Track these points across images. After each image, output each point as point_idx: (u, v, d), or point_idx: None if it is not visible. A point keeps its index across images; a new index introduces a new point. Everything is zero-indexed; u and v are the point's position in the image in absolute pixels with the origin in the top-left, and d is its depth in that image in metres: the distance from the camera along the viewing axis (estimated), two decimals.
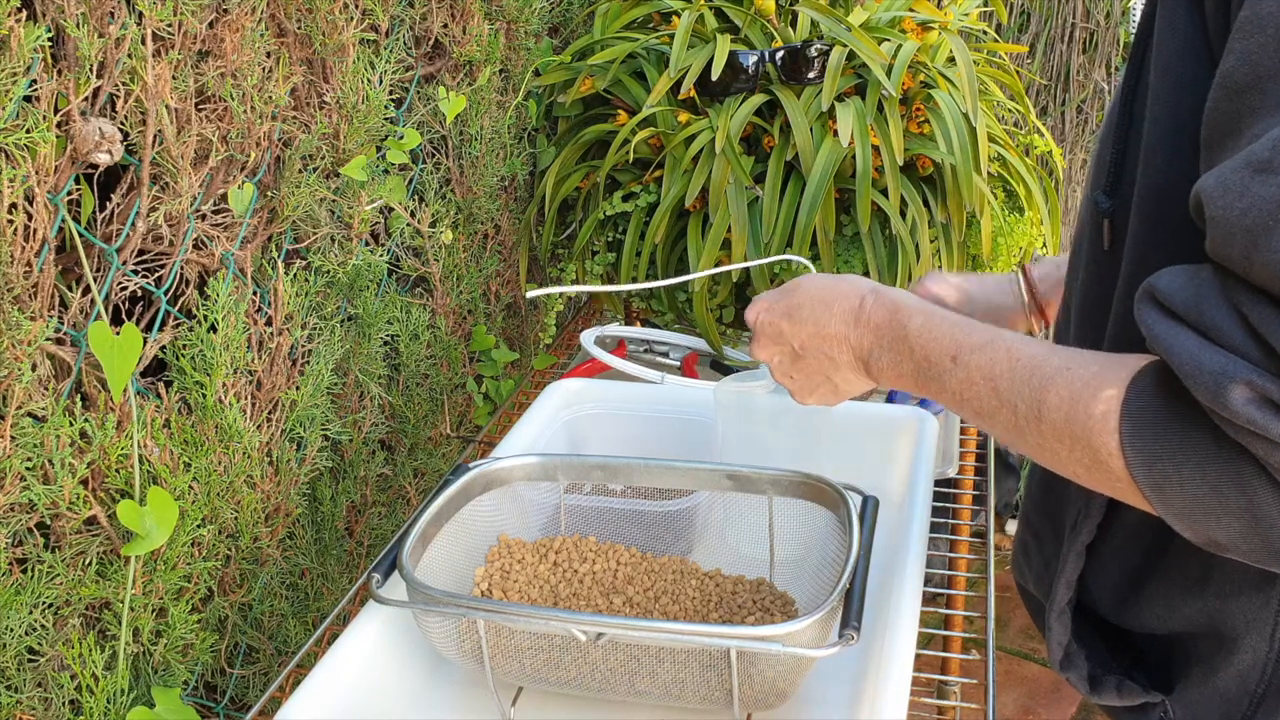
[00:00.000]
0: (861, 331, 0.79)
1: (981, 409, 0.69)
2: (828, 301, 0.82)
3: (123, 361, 0.94)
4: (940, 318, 0.74)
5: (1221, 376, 0.54)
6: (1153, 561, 0.75)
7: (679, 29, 1.51)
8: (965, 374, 0.70)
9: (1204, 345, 0.55)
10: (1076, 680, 0.80)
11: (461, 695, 0.93)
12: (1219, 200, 0.54)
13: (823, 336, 0.82)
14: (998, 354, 0.68)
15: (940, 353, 0.72)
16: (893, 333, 0.77)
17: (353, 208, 1.30)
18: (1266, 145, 0.52)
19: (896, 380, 0.78)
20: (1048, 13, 2.69)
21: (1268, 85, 0.54)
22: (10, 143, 0.84)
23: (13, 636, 0.92)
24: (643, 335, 1.64)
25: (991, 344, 0.69)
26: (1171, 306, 0.58)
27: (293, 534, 1.29)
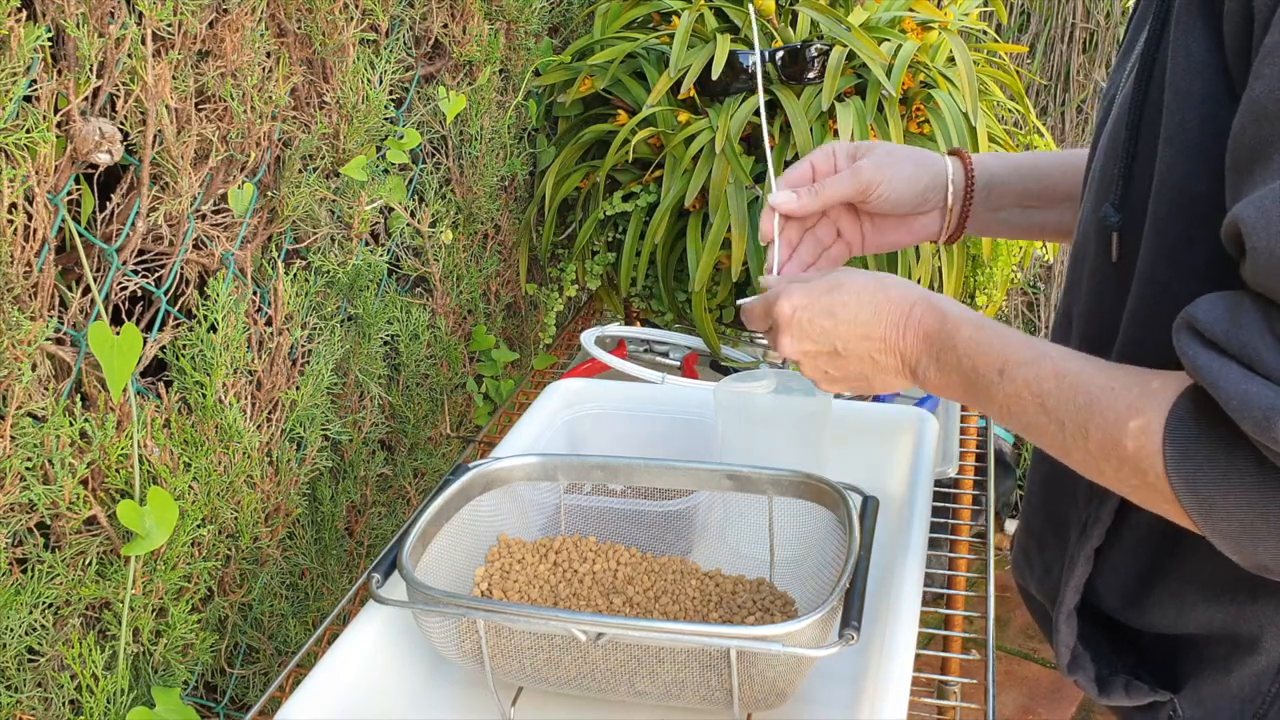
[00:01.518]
0: (911, 340, 0.79)
1: (1029, 424, 0.70)
2: (876, 305, 0.81)
3: (123, 361, 0.94)
4: (989, 329, 0.74)
5: (1270, 410, 0.54)
6: (1163, 563, 0.75)
7: (679, 29, 1.51)
8: (1012, 388, 0.70)
9: (1249, 377, 0.56)
10: (1085, 682, 0.80)
11: (461, 695, 0.93)
12: (1262, 232, 0.54)
13: (869, 339, 0.81)
14: (1044, 369, 0.68)
15: (988, 365, 0.72)
16: (942, 342, 0.76)
17: (353, 208, 1.30)
18: None
19: (943, 389, 0.78)
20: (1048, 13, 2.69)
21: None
22: (10, 143, 0.84)
23: (13, 636, 0.92)
24: (643, 335, 1.64)
25: (1039, 359, 0.69)
26: (1213, 337, 0.58)
27: (293, 534, 1.29)
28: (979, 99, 1.47)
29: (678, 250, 1.54)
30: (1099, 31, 2.69)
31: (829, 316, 0.82)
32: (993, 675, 0.99)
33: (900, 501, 1.09)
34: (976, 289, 1.57)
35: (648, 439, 1.24)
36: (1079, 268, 0.80)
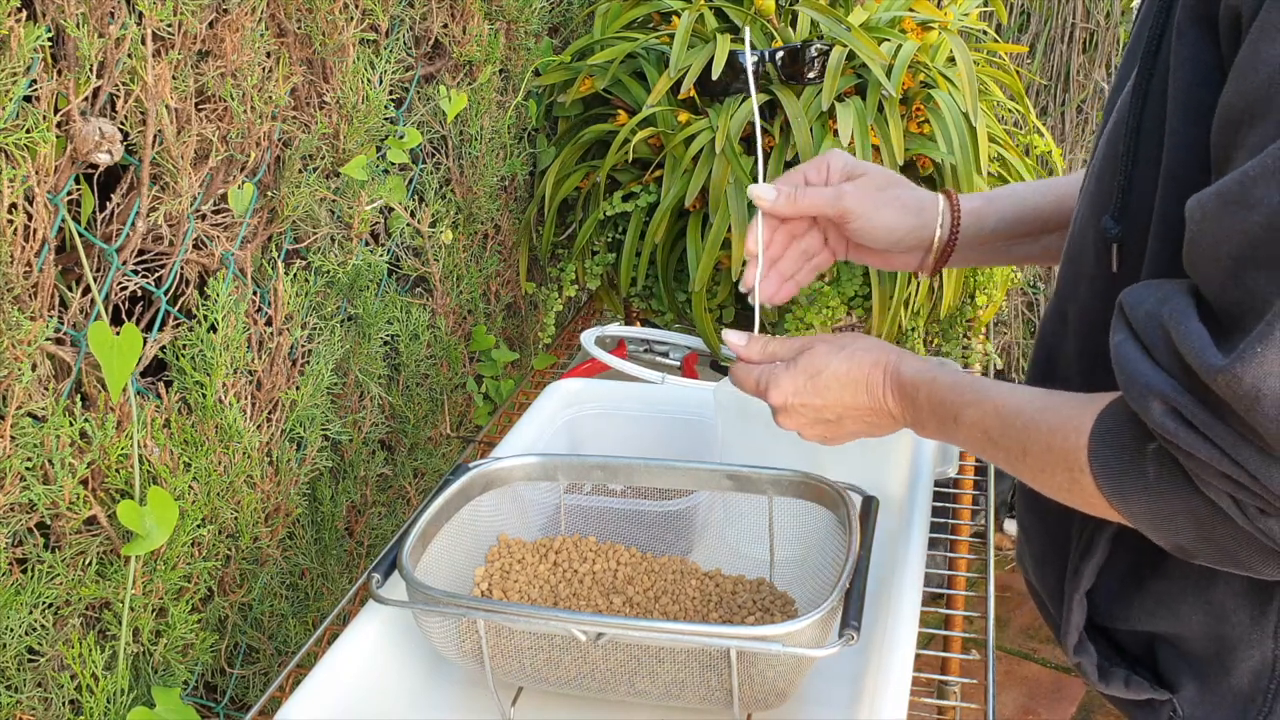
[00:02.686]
0: (891, 401, 0.87)
1: (984, 453, 0.79)
2: (853, 382, 0.88)
3: (122, 361, 0.94)
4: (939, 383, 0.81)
5: (1146, 388, 0.59)
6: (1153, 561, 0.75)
7: (679, 29, 1.51)
8: (967, 431, 0.78)
9: (1142, 359, 0.60)
10: (1088, 667, 0.81)
11: (461, 695, 0.93)
12: (1197, 221, 0.58)
13: (856, 408, 0.88)
14: (986, 408, 0.76)
15: (945, 415, 0.80)
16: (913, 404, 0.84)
17: (353, 208, 1.30)
18: (1236, 179, 0.56)
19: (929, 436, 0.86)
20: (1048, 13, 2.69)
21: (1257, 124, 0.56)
22: (10, 143, 0.84)
23: (13, 636, 0.91)
24: (643, 335, 1.64)
25: (980, 400, 0.77)
26: (1130, 319, 0.62)
27: (293, 534, 1.29)
28: (979, 99, 1.47)
29: (678, 250, 1.54)
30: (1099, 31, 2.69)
31: (817, 397, 0.89)
32: (993, 675, 0.99)
33: (900, 501, 1.09)
34: (976, 289, 1.57)
35: (648, 439, 1.24)
36: (1074, 269, 0.80)
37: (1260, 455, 0.56)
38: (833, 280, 1.49)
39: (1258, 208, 0.54)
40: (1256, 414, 0.54)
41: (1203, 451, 0.57)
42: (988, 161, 1.51)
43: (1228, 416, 0.56)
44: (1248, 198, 0.55)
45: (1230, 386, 0.54)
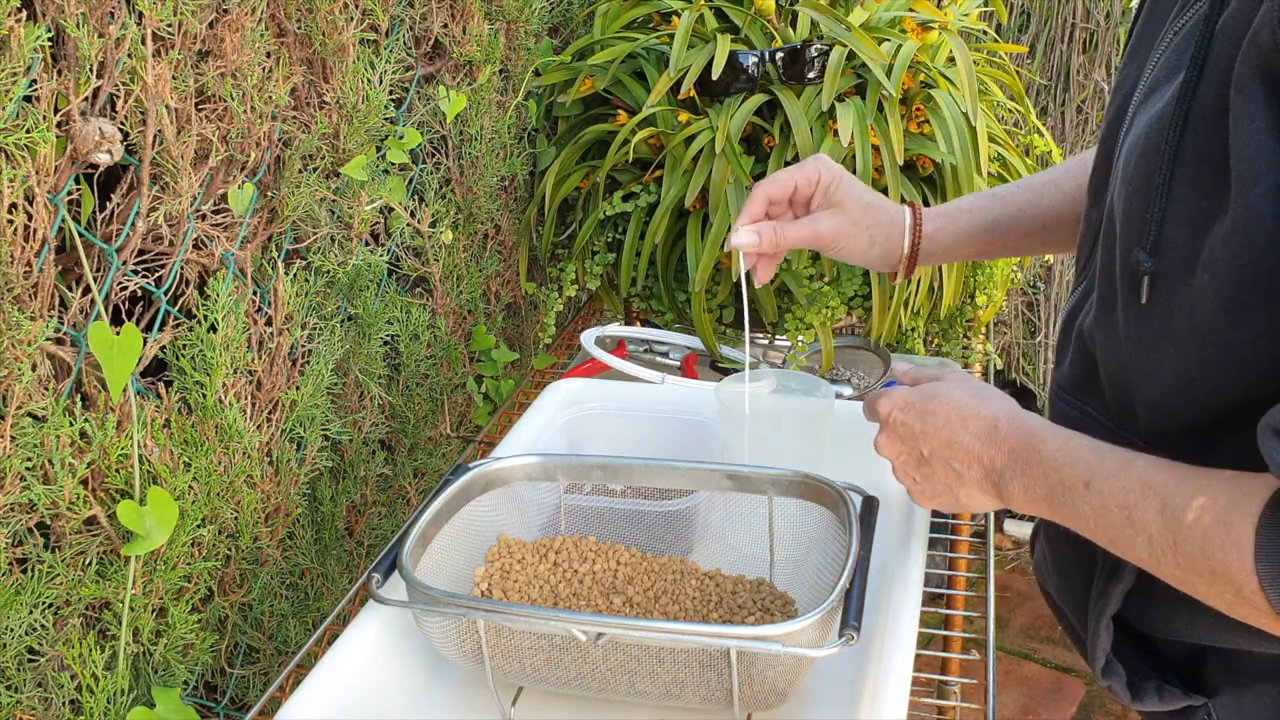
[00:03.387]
0: (995, 451, 0.79)
1: (1116, 537, 0.70)
2: (964, 415, 0.81)
3: (123, 361, 0.94)
4: (1075, 440, 0.74)
5: None
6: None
7: (679, 29, 1.51)
8: (1100, 500, 0.70)
9: None
10: (1118, 688, 0.79)
11: (461, 695, 0.93)
12: None
13: (953, 448, 0.82)
14: (1130, 481, 0.68)
15: (1074, 478, 0.72)
16: (1027, 455, 0.76)
17: (353, 208, 1.30)
18: None
19: (1027, 503, 0.77)
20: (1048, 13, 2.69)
21: None
22: (10, 143, 0.84)
23: (13, 636, 0.92)
24: (643, 335, 1.64)
25: (1125, 470, 0.69)
26: None
27: (293, 534, 1.29)
28: (979, 99, 1.47)
29: (678, 250, 1.54)
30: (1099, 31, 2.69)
31: (920, 420, 0.84)
32: (993, 675, 0.99)
33: (900, 501, 1.09)
34: (976, 289, 1.57)
35: (648, 439, 1.24)
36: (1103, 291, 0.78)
37: None
38: (833, 280, 1.49)
39: None
40: None
41: None
42: (988, 161, 1.51)
43: None
44: None
45: None
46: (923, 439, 0.84)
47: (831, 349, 1.51)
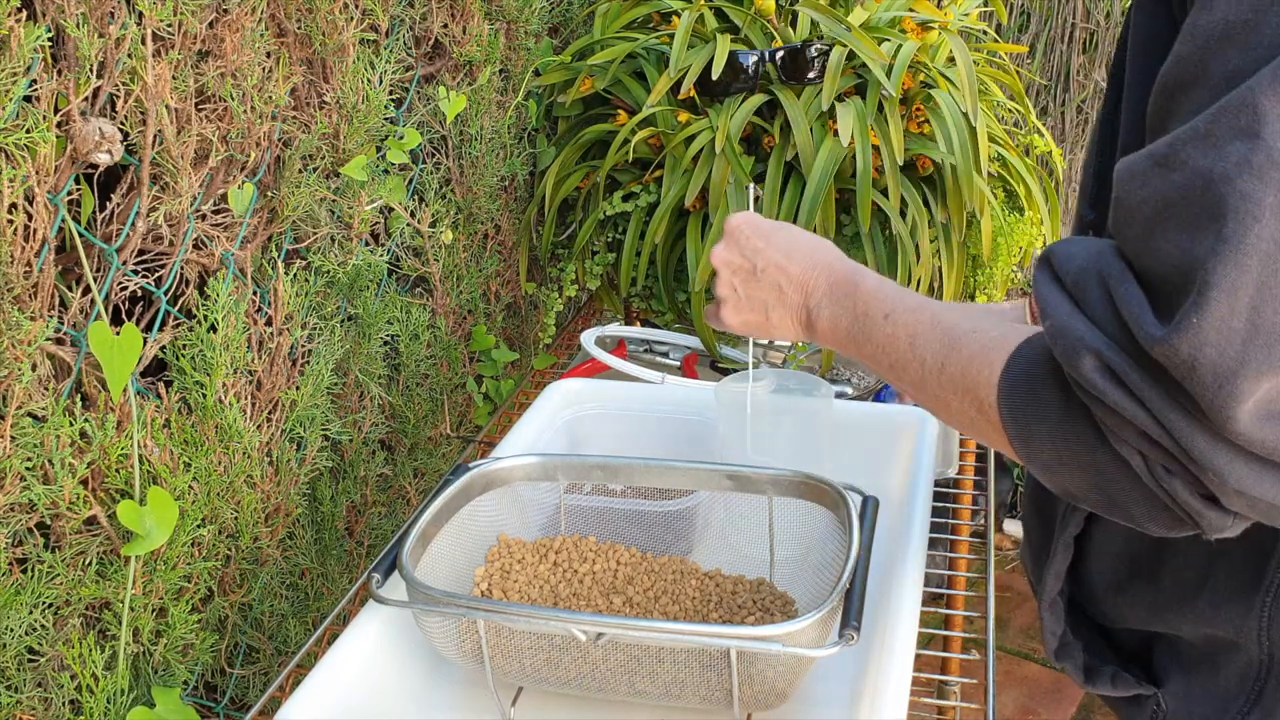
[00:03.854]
0: (820, 281, 0.85)
1: (896, 361, 0.76)
2: (804, 247, 0.88)
3: (123, 361, 0.94)
4: (891, 284, 0.81)
5: (1078, 342, 0.59)
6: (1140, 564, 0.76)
7: (679, 29, 1.51)
8: (892, 329, 0.77)
9: (1074, 313, 0.60)
10: (1072, 670, 0.82)
11: (461, 695, 0.93)
12: (1125, 186, 0.58)
13: (784, 270, 0.87)
14: (924, 316, 0.75)
15: (877, 309, 0.79)
16: (845, 288, 0.83)
17: (353, 208, 1.30)
18: (1167, 143, 0.56)
19: (831, 332, 0.84)
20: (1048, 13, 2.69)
21: (1189, 91, 0.57)
22: (10, 143, 0.84)
23: (13, 636, 0.91)
24: (643, 335, 1.64)
25: (921, 308, 0.76)
26: (1059, 274, 0.62)
27: (293, 534, 1.29)
28: (979, 99, 1.47)
29: (678, 250, 1.54)
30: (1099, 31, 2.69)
31: (764, 239, 0.90)
32: (993, 675, 0.99)
33: (900, 501, 1.09)
34: (976, 289, 1.57)
35: (648, 439, 1.24)
36: None
37: (1187, 419, 0.56)
38: None
39: (1180, 169, 0.55)
40: (1192, 382, 0.54)
41: (1129, 411, 0.57)
42: (988, 161, 1.51)
43: (1162, 380, 0.56)
44: (1173, 159, 0.55)
45: (1168, 356, 0.54)
46: (759, 255, 0.89)
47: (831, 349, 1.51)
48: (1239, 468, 0.56)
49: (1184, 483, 0.58)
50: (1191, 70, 0.57)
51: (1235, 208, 0.52)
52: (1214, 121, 0.54)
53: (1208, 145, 0.54)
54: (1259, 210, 0.52)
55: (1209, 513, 0.59)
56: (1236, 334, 0.53)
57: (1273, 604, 0.69)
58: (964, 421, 0.70)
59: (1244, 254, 0.52)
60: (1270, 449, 0.55)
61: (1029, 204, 1.59)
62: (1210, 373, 0.53)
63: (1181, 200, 0.55)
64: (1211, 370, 0.53)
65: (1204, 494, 0.58)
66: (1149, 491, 0.60)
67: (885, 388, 1.51)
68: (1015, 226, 1.58)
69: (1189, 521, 0.60)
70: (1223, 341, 0.53)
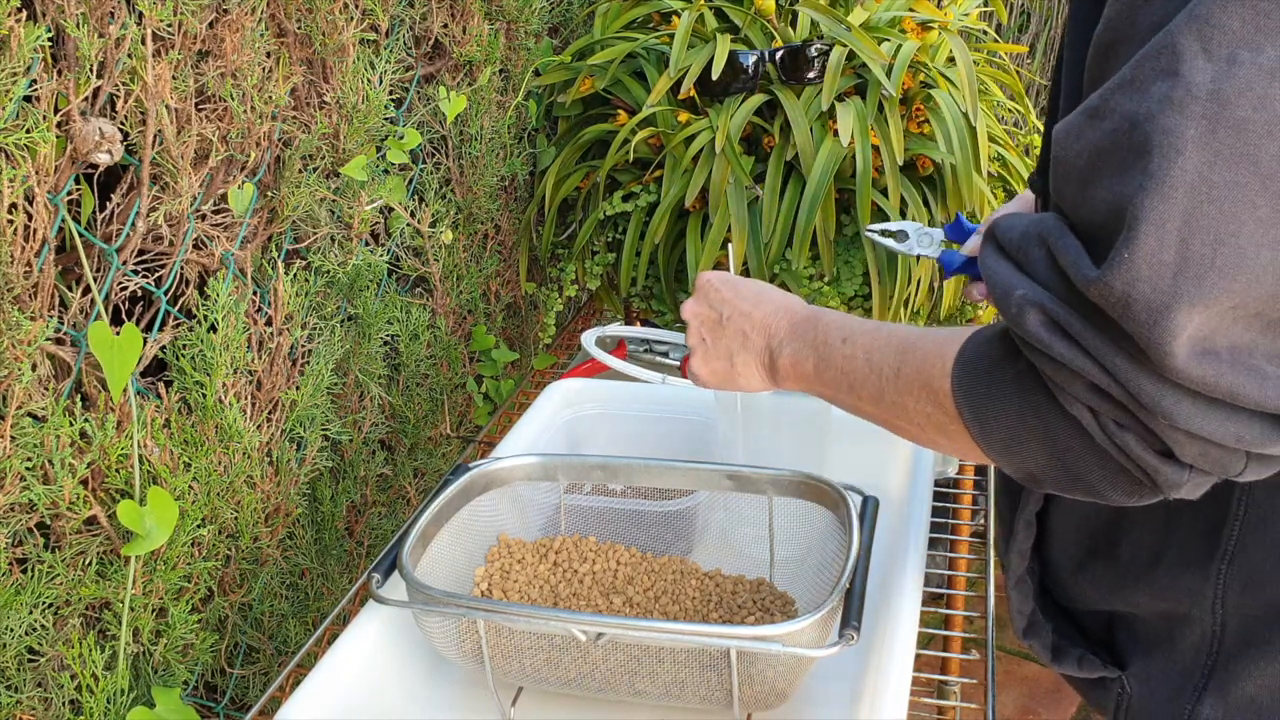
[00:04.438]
0: (782, 324, 0.86)
1: (855, 381, 0.77)
2: (769, 297, 0.89)
3: (123, 361, 0.94)
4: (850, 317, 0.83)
5: (1022, 299, 0.60)
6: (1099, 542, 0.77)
7: (679, 29, 1.51)
8: (850, 350, 0.78)
9: (1016, 275, 0.61)
10: (1039, 649, 0.83)
11: (461, 695, 0.93)
12: (1061, 143, 0.59)
13: (748, 317, 0.89)
14: (880, 335, 0.77)
15: (836, 336, 0.80)
16: (806, 327, 0.84)
17: (353, 208, 1.30)
18: (1098, 95, 0.57)
19: (792, 369, 0.84)
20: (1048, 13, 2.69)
21: (1119, 48, 0.58)
22: (10, 143, 0.84)
23: (13, 636, 0.92)
24: (643, 335, 1.64)
25: (878, 329, 0.78)
26: (1002, 243, 0.63)
27: (293, 534, 1.29)
28: (979, 99, 1.47)
29: (678, 250, 1.54)
30: None
31: (732, 289, 0.91)
32: (993, 675, 0.99)
33: (900, 501, 1.09)
34: None
35: (648, 439, 1.24)
36: None
37: (1131, 362, 0.57)
38: (832, 280, 1.49)
39: (1109, 117, 0.56)
40: (1128, 320, 0.55)
41: (1075, 361, 0.58)
42: (988, 161, 1.51)
43: (1102, 325, 0.57)
44: (1102, 109, 0.57)
45: (1103, 295, 0.55)
46: (726, 304, 0.91)
47: None
48: (1185, 407, 0.56)
49: (1136, 437, 0.59)
50: (1121, 28, 0.58)
51: (1159, 143, 0.53)
52: (1138, 67, 0.55)
53: (1133, 90, 0.55)
54: (1180, 143, 0.53)
55: (1164, 467, 0.59)
56: (1167, 267, 0.54)
57: (1228, 570, 0.70)
58: (921, 421, 0.71)
59: (1169, 186, 0.53)
60: (1210, 385, 0.55)
61: None
62: (1144, 308, 0.54)
63: (1112, 146, 0.56)
64: (1145, 306, 0.54)
65: (1157, 449, 0.59)
66: (1104, 454, 0.61)
67: None
68: None
69: (1146, 482, 0.60)
70: (1154, 275, 0.54)
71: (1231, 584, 0.70)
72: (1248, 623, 0.71)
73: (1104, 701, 0.80)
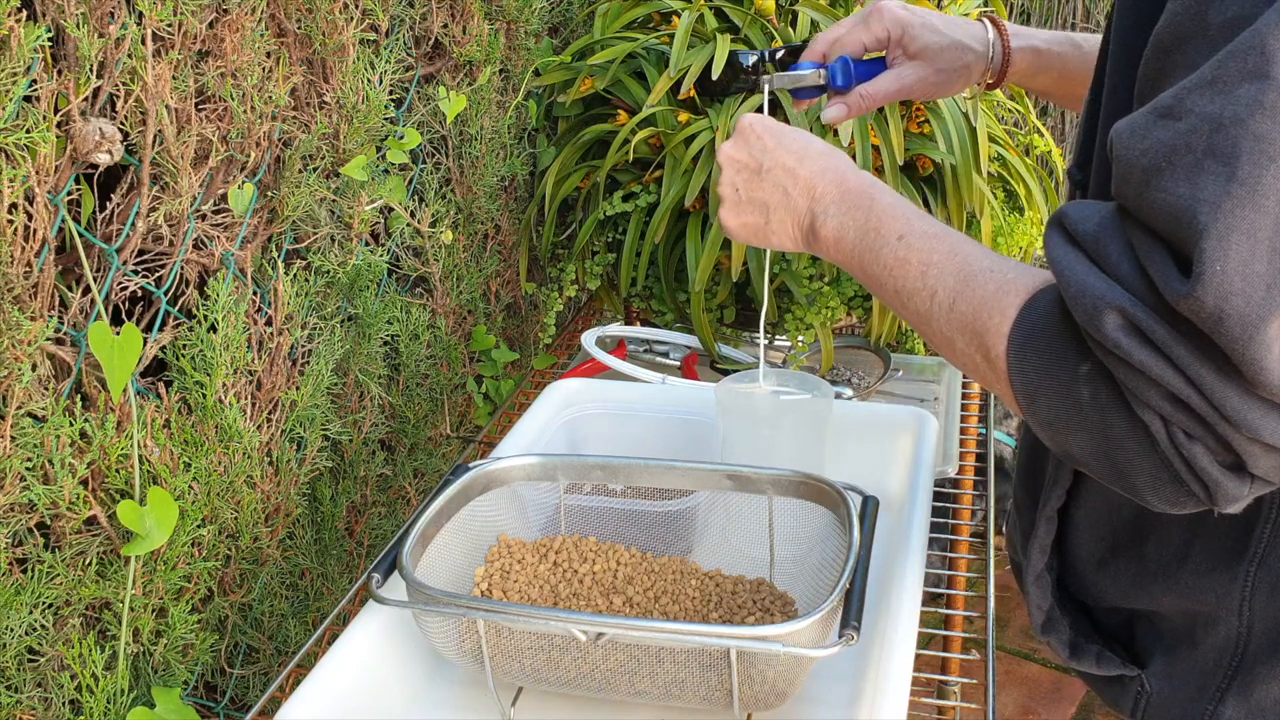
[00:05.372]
0: (830, 187, 0.81)
1: (903, 288, 0.73)
2: (821, 152, 0.84)
3: (123, 361, 0.94)
4: (908, 205, 0.77)
5: (1100, 301, 0.58)
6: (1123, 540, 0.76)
7: (679, 29, 1.51)
8: (905, 252, 0.73)
9: (1092, 271, 0.59)
10: (1057, 644, 0.82)
11: (461, 695, 0.93)
12: (1124, 142, 0.58)
13: (792, 172, 0.83)
14: (941, 244, 0.71)
15: (891, 229, 0.75)
16: (859, 199, 0.79)
17: (353, 208, 1.30)
18: (1172, 94, 0.56)
19: (834, 243, 0.79)
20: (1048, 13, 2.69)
21: (1186, 46, 0.57)
22: (10, 143, 0.84)
23: (13, 636, 0.92)
24: (643, 335, 1.64)
25: (941, 235, 0.72)
26: (1074, 234, 0.61)
27: (293, 534, 1.29)
28: (979, 99, 1.47)
29: (678, 250, 1.54)
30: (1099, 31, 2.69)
31: (775, 138, 0.85)
32: (993, 675, 0.99)
33: (900, 501, 1.09)
34: None
35: (648, 439, 1.24)
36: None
37: (1218, 375, 0.55)
38: (833, 280, 1.49)
39: (1186, 117, 0.54)
40: (1221, 334, 0.53)
41: (1155, 371, 0.56)
42: (988, 161, 1.51)
43: (1189, 335, 0.55)
44: (1177, 109, 0.55)
45: (1195, 310, 0.54)
46: (768, 154, 0.85)
47: (831, 349, 1.51)
48: (1272, 421, 0.55)
49: (1205, 449, 0.57)
50: (1188, 24, 0.56)
51: (1250, 149, 0.52)
52: (1220, 67, 0.53)
53: (1214, 91, 0.53)
54: (1273, 150, 0.52)
55: (1227, 482, 0.57)
56: (1260, 279, 0.52)
57: (1256, 573, 0.69)
58: (966, 364, 0.69)
59: (1261, 195, 0.52)
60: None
61: (1029, 204, 1.59)
62: (1238, 323, 0.52)
63: (1185, 147, 0.54)
64: (1239, 320, 0.52)
65: (1225, 462, 0.57)
66: (1160, 460, 0.58)
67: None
68: (1015, 226, 1.58)
69: (1201, 494, 0.59)
70: (1248, 289, 0.52)
71: (1260, 587, 0.69)
72: (1276, 625, 0.70)
73: (1121, 699, 0.79)
